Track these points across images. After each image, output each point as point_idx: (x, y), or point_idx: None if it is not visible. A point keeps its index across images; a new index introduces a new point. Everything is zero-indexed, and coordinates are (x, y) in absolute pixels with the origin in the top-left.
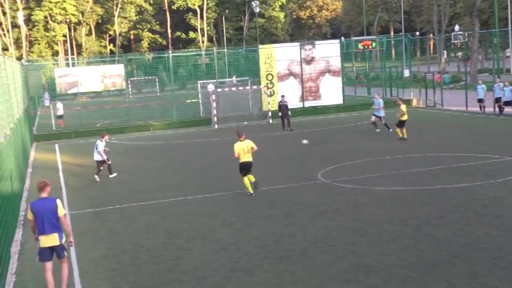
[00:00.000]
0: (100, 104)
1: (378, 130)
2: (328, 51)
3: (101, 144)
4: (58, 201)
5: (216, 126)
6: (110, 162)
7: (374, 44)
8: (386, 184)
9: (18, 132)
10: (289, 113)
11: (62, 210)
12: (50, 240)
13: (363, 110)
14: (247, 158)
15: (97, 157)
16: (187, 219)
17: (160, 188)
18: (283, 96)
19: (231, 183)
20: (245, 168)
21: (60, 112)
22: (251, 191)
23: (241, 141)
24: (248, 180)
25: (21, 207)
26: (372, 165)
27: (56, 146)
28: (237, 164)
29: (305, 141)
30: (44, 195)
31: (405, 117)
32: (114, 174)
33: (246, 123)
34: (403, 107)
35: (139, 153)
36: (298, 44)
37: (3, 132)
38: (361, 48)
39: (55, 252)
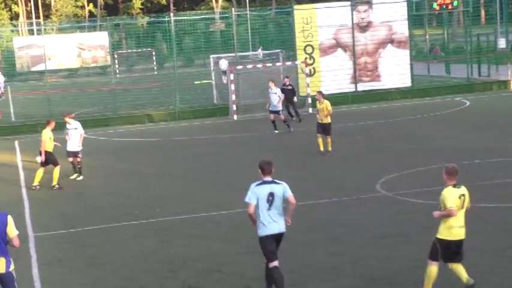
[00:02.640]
0: (76, 86)
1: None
2: (391, 13)
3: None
4: (9, 218)
5: (235, 117)
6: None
7: (456, 3)
8: (473, 199)
9: None
10: (295, 99)
11: (14, 230)
12: None
13: (439, 96)
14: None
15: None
16: (196, 244)
17: (159, 202)
18: (287, 77)
19: None
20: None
21: None
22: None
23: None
24: None
25: None
26: None
27: (16, 143)
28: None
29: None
30: None
31: (328, 120)
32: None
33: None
34: (325, 105)
35: (131, 154)
36: (349, 3)
37: None
38: (437, 8)
39: (1, 283)
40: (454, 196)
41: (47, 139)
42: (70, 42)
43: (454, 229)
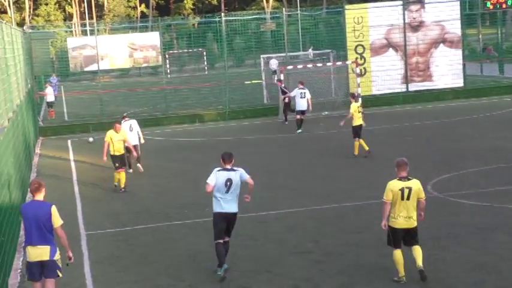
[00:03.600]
0: (128, 85)
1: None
2: (443, 12)
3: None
4: (53, 208)
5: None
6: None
7: (510, 1)
8: None
9: (18, 123)
10: (286, 100)
11: (58, 220)
12: (38, 253)
13: (493, 96)
14: None
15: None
16: (246, 244)
17: (209, 202)
18: (279, 81)
19: (306, 196)
20: None
21: (51, 98)
22: None
23: None
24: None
25: (22, 225)
26: (506, 174)
27: (69, 142)
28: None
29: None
30: (39, 198)
31: (358, 122)
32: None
33: (326, 113)
34: (354, 106)
35: (181, 154)
36: (401, 2)
37: None
38: (491, 7)
39: (43, 270)
40: (390, 188)
41: (110, 140)
42: (122, 42)
43: (398, 218)
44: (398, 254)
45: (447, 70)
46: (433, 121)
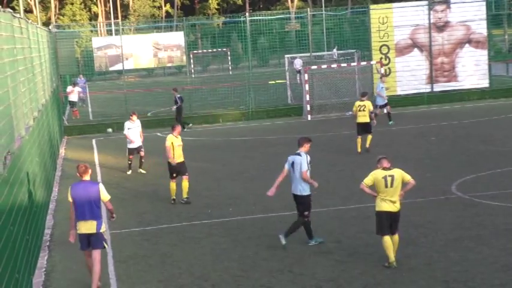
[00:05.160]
0: (152, 85)
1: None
2: (469, 12)
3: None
4: (101, 185)
5: (309, 117)
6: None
7: None
8: None
9: (44, 122)
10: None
11: (107, 195)
12: (87, 227)
13: None
14: None
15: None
16: (269, 244)
17: (233, 201)
18: (175, 89)
19: (329, 196)
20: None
21: (74, 98)
22: None
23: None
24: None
25: (46, 223)
26: None
27: (93, 141)
28: (340, 170)
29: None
30: (86, 178)
31: (360, 119)
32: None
33: (350, 113)
34: (355, 104)
35: (205, 153)
36: (426, 2)
37: (24, 123)
38: None
39: (90, 241)
40: (375, 176)
41: (170, 145)
42: (147, 42)
43: (384, 202)
44: (387, 240)
45: (473, 70)
46: (458, 121)
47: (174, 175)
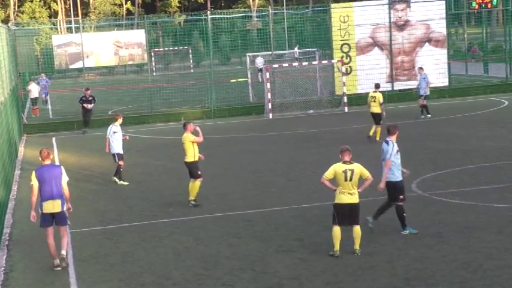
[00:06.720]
0: (113, 83)
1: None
2: (429, 12)
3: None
4: (62, 168)
5: (270, 115)
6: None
7: (495, 1)
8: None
9: (2, 121)
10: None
11: (66, 178)
12: (53, 206)
13: (477, 95)
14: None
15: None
16: (231, 242)
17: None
18: (87, 89)
19: (292, 195)
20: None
21: (35, 94)
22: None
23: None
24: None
25: (5, 223)
26: (491, 173)
27: (54, 140)
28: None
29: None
30: (47, 162)
31: (372, 110)
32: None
33: (311, 111)
34: (369, 95)
35: (166, 152)
36: (387, 1)
37: None
38: (476, 7)
39: (55, 220)
40: (335, 169)
41: (191, 143)
42: (107, 40)
43: (342, 194)
44: (337, 230)
45: (432, 69)
46: (417, 120)
47: (200, 172)
